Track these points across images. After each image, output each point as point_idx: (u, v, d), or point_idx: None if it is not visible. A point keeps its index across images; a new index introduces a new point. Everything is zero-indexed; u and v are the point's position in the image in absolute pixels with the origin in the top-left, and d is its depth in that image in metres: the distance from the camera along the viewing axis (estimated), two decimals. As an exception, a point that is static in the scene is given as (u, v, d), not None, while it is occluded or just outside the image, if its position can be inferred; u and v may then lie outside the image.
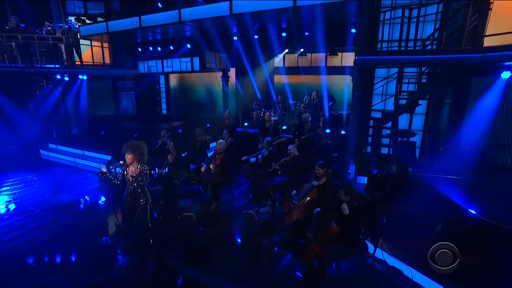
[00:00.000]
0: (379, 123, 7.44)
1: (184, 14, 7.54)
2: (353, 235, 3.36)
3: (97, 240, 4.61)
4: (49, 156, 9.14)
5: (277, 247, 4.26)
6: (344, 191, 3.36)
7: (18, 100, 9.81)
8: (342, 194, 3.36)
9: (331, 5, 5.98)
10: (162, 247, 4.30)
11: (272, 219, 5.10)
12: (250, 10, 6.72)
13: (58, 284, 3.59)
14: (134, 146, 3.72)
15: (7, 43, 9.00)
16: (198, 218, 5.25)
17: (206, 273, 3.78)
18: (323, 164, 4.35)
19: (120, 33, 8.89)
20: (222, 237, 4.74)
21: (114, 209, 5.65)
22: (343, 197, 3.35)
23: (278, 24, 8.01)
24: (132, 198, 3.84)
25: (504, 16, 4.95)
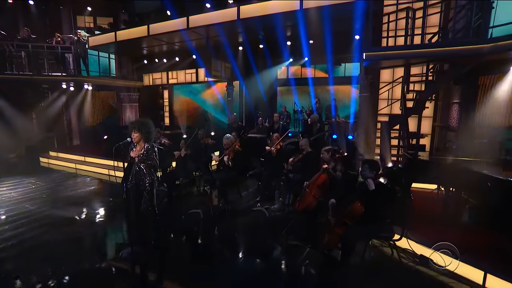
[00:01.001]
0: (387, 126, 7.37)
1: (192, 21, 7.75)
2: (378, 215, 3.11)
3: (97, 230, 4.33)
4: (49, 163, 8.91)
5: (292, 238, 3.96)
6: (369, 166, 3.16)
7: (22, 109, 9.80)
8: (367, 170, 3.16)
9: (338, 6, 6.17)
10: (167, 239, 3.99)
11: (283, 217, 4.82)
12: (257, 14, 6.91)
13: (54, 271, 3.25)
14: (141, 123, 3.57)
15: (17, 53, 9.18)
16: (206, 214, 4.95)
17: (214, 268, 3.45)
18: (329, 149, 4.23)
19: (127, 42, 9.09)
20: (232, 231, 4.44)
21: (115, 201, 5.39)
22: (368, 173, 3.15)
23: (283, 32, 8.20)
24: (137, 181, 3.61)
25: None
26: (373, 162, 3.22)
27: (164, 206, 5.30)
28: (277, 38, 8.61)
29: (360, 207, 3.08)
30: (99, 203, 5.69)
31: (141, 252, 3.58)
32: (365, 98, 7.04)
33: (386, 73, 8.08)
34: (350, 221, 3.12)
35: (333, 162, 4.18)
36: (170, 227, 4.49)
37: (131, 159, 3.61)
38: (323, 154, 4.18)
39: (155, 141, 5.08)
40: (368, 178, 3.11)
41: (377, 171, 3.18)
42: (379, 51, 5.56)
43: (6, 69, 9.00)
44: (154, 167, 3.61)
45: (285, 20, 7.14)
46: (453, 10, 5.68)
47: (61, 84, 9.71)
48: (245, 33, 8.03)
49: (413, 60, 5.75)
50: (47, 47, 9.13)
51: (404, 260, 3.38)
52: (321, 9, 6.41)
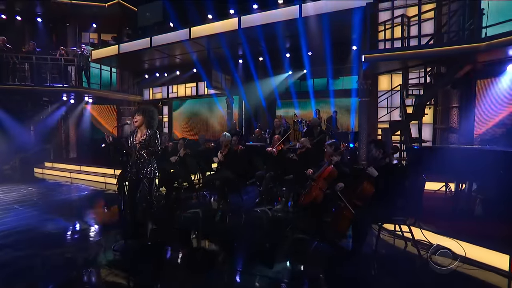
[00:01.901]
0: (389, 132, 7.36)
1: (194, 32, 8.01)
2: (390, 196, 2.96)
3: (91, 223, 4.09)
4: (43, 173, 8.67)
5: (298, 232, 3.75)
6: (375, 145, 3.07)
7: (21, 121, 9.75)
8: (373, 149, 3.06)
9: (336, 13, 6.42)
10: (162, 234, 3.75)
11: (286, 217, 4.62)
12: (258, 23, 7.16)
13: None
14: (145, 108, 3.50)
15: (21, 65, 9.32)
16: (205, 214, 4.73)
17: (214, 266, 3.21)
18: (332, 142, 4.18)
19: (129, 56, 9.30)
20: (234, 229, 4.20)
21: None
22: (375, 151, 3.05)
23: (283, 43, 8.46)
24: (137, 169, 3.46)
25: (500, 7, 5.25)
26: (379, 141, 3.13)
27: (162, 206, 5.07)
28: (277, 50, 8.87)
29: (370, 187, 2.95)
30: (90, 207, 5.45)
31: (135, 246, 3.34)
32: (365, 103, 7.09)
33: (384, 81, 8.26)
34: (361, 201, 2.96)
35: (338, 156, 4.10)
36: (167, 224, 4.26)
37: (131, 146, 3.48)
38: (327, 148, 4.15)
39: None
40: (370, 166, 3.01)
41: (385, 150, 3.08)
42: (377, 53, 5.70)
43: (9, 80, 9.06)
44: (156, 154, 3.48)
45: (284, 29, 7.38)
46: (445, 16, 5.92)
47: (61, 96, 9.76)
48: (246, 43, 8.27)
49: (410, 62, 5.88)
50: (50, 59, 9.29)
51: (420, 249, 3.16)
52: (320, 17, 6.65)
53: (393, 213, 3.03)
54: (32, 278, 2.74)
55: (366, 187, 2.97)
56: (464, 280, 2.70)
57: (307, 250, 3.33)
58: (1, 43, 9.24)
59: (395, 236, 3.58)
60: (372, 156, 3.09)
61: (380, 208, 2.95)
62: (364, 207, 2.96)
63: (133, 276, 2.82)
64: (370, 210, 2.94)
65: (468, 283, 2.68)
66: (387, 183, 2.95)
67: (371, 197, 2.96)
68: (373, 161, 3.12)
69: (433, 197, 5.00)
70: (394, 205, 3.01)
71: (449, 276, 2.74)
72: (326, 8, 6.46)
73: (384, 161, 3.07)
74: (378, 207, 2.94)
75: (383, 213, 2.97)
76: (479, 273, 2.78)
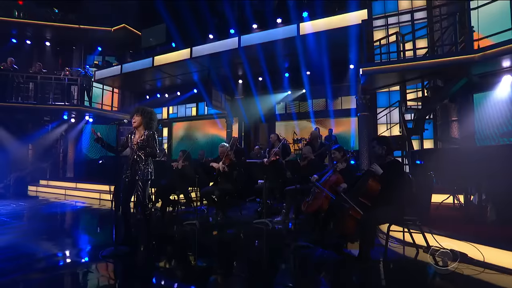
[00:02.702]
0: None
1: (195, 51, 8.24)
2: (396, 195, 2.79)
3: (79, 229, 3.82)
4: (37, 191, 8.41)
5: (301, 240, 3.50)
6: (378, 141, 2.95)
7: (20, 139, 9.70)
8: (376, 146, 2.94)
9: (333, 31, 6.65)
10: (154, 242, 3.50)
11: (288, 227, 4.38)
12: (258, 42, 7.38)
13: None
14: (144, 109, 3.44)
15: (25, 85, 9.48)
16: (202, 226, 4.47)
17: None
18: (340, 148, 4.05)
19: (132, 75, 9.50)
20: (231, 241, 3.94)
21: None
22: (378, 149, 2.92)
23: (281, 61, 8.67)
24: (133, 171, 3.31)
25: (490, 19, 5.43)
26: (382, 138, 3.03)
27: (157, 218, 4.84)
28: (276, 69, 9.08)
29: (376, 185, 2.79)
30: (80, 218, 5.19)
31: (125, 253, 3.08)
32: (364, 118, 7.10)
33: (383, 98, 8.33)
34: (367, 200, 2.78)
35: (344, 162, 3.94)
36: (161, 233, 4.01)
37: (130, 145, 3.38)
38: (335, 153, 3.96)
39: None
40: (374, 164, 2.88)
41: (389, 146, 2.96)
42: (374, 65, 5.80)
43: (12, 99, 9.15)
44: (154, 156, 3.36)
45: (283, 48, 7.61)
46: (438, 32, 6.13)
47: (62, 114, 9.80)
48: (246, 63, 8.47)
49: (407, 75, 5.96)
50: (54, 78, 9.47)
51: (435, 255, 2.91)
52: (317, 35, 6.88)
53: (402, 213, 2.84)
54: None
55: (371, 185, 2.81)
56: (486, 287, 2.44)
57: (311, 259, 3.09)
58: (9, 64, 9.49)
59: (405, 243, 3.35)
60: (376, 154, 2.96)
61: (387, 207, 2.76)
62: (370, 207, 2.77)
63: (119, 285, 2.55)
64: (377, 209, 2.75)
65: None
66: (393, 181, 2.79)
67: (377, 195, 2.78)
68: (376, 159, 2.99)
69: (440, 207, 4.78)
70: (403, 205, 2.83)
71: (469, 283, 2.49)
72: (322, 26, 6.69)
73: (389, 158, 2.94)
74: (385, 207, 2.76)
75: (391, 213, 2.78)
76: (501, 278, 2.53)
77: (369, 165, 3.05)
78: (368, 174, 2.95)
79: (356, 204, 2.80)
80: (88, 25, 10.74)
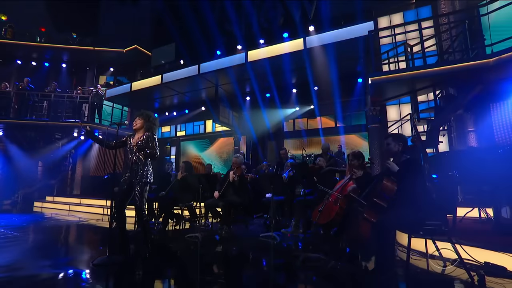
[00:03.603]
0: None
1: (203, 68, 8.38)
2: (417, 195, 2.52)
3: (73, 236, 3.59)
4: (42, 207, 8.34)
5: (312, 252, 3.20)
6: (393, 138, 2.73)
7: (30, 156, 9.84)
8: (391, 143, 2.72)
9: (339, 44, 6.65)
10: (152, 253, 3.26)
11: (297, 240, 4.07)
12: (265, 56, 7.45)
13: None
14: (146, 113, 3.40)
15: (39, 104, 9.81)
16: (205, 239, 4.21)
17: None
18: (358, 154, 3.80)
19: (141, 93, 9.68)
20: (234, 255, 3.65)
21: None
22: (393, 145, 2.70)
23: (289, 77, 8.68)
24: (131, 173, 3.19)
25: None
26: (397, 134, 2.81)
27: (159, 230, 4.61)
28: (284, 85, 9.08)
29: (391, 184, 2.54)
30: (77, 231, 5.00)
31: (118, 262, 2.86)
32: (375, 130, 6.87)
33: (393, 112, 8.13)
34: (383, 201, 2.52)
35: (361, 170, 3.64)
36: (159, 244, 3.77)
37: (129, 147, 3.29)
38: (352, 159, 3.67)
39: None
40: (389, 160, 2.66)
41: (405, 143, 2.74)
42: (383, 74, 5.68)
43: (27, 116, 9.42)
44: (153, 157, 3.24)
45: (290, 62, 7.62)
46: (446, 41, 6.04)
47: (73, 131, 9.97)
48: (253, 78, 8.51)
49: (418, 84, 5.79)
50: (67, 96, 9.76)
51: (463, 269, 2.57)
52: (324, 48, 6.89)
53: (423, 217, 2.55)
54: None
55: (386, 185, 2.56)
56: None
57: (322, 272, 2.78)
58: (25, 84, 9.89)
59: (429, 255, 2.99)
60: (391, 151, 2.73)
61: (406, 210, 2.49)
62: (387, 209, 2.51)
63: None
64: (394, 211, 2.48)
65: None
66: (410, 181, 2.54)
67: (394, 196, 2.53)
68: (391, 156, 2.76)
69: (463, 220, 4.39)
70: (423, 208, 2.55)
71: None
72: (329, 39, 6.72)
73: (405, 156, 2.71)
74: (403, 209, 2.49)
75: (410, 216, 2.50)
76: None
77: (384, 152, 2.80)
78: (383, 173, 2.71)
79: (370, 206, 2.54)
80: (102, 47, 11.26)
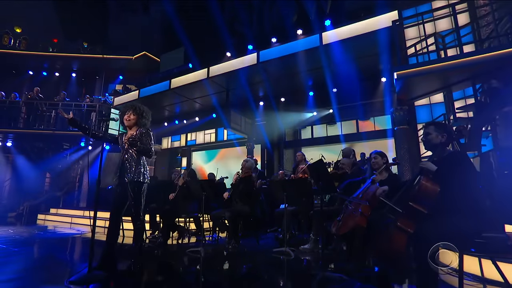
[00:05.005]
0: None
1: (212, 71, 8.23)
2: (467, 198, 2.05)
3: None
4: (45, 219, 8.30)
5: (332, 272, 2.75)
6: (435, 127, 2.28)
7: (38, 167, 9.99)
8: (433, 133, 2.26)
9: (359, 38, 6.25)
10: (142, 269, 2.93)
11: (316, 257, 3.61)
12: (278, 55, 7.18)
13: None
14: (137, 106, 3.14)
15: (47, 113, 10.03)
16: (209, 254, 3.84)
17: None
18: (382, 153, 3.38)
19: (149, 100, 9.66)
20: (240, 272, 3.24)
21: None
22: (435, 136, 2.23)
23: (305, 79, 8.33)
24: (122, 172, 2.92)
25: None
26: (440, 123, 2.37)
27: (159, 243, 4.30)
28: (299, 88, 8.73)
29: (432, 185, 2.10)
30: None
31: (98, 279, 2.54)
32: (403, 132, 6.33)
33: (423, 113, 7.56)
34: (422, 206, 2.06)
35: (385, 172, 3.27)
36: (153, 257, 3.44)
37: (121, 145, 3.04)
38: (376, 158, 3.32)
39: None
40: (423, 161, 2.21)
41: (450, 135, 2.28)
42: (411, 67, 5.20)
43: (35, 126, 9.64)
44: (147, 153, 2.97)
45: (305, 62, 7.28)
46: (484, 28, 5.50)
47: (80, 141, 10.07)
48: (266, 81, 8.24)
49: (453, 77, 5.25)
50: (74, 105, 9.94)
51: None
52: (342, 44, 6.51)
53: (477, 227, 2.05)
54: None
55: (425, 186, 2.11)
56: None
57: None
58: (35, 93, 10.19)
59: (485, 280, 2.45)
60: (430, 144, 2.28)
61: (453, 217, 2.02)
62: (427, 216, 2.05)
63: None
64: (438, 219, 2.02)
65: None
66: (456, 180, 2.08)
67: (435, 199, 2.06)
68: (430, 149, 2.31)
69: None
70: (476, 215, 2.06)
71: None
72: (348, 33, 6.36)
73: (449, 149, 2.25)
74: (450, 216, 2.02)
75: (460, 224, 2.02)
76: None
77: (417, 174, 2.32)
78: (419, 174, 2.26)
79: (405, 212, 2.09)
80: (111, 55, 11.54)
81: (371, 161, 3.37)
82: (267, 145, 10.68)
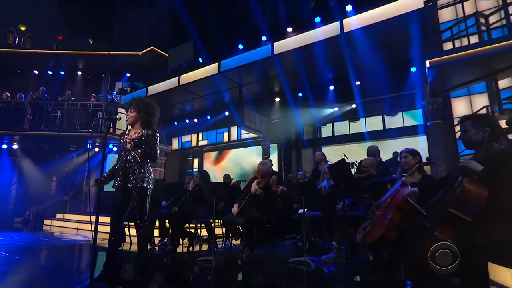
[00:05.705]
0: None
1: (223, 65, 8.22)
2: None
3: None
4: (51, 225, 8.57)
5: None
6: (472, 121, 2.11)
7: (45, 170, 10.33)
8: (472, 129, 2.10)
9: (386, 24, 6.04)
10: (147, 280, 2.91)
11: (340, 269, 3.48)
12: (294, 46, 7.06)
13: None
14: (140, 101, 3.09)
15: (53, 113, 10.35)
16: (221, 263, 3.79)
17: None
18: (414, 152, 3.17)
19: (158, 97, 9.78)
20: (253, 285, 3.17)
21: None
22: (475, 132, 2.07)
23: (325, 71, 8.17)
24: (125, 176, 2.88)
25: None
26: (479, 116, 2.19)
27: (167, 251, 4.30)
28: (319, 81, 8.57)
29: (477, 188, 1.92)
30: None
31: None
32: (437, 128, 6.05)
33: (461, 106, 7.20)
34: (464, 213, 1.90)
35: (418, 174, 3.07)
36: (160, 268, 3.43)
37: (123, 146, 3.02)
38: (407, 157, 3.11)
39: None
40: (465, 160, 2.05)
41: (494, 129, 2.10)
42: (446, 54, 4.94)
43: (41, 127, 9.97)
44: (153, 157, 2.93)
45: (325, 52, 7.13)
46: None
47: (87, 142, 10.33)
48: (282, 75, 8.12)
49: (498, 63, 4.93)
50: (80, 105, 10.21)
51: None
52: (366, 31, 6.32)
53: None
54: None
55: (469, 190, 1.94)
56: None
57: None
58: (40, 93, 10.56)
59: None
60: (470, 140, 2.11)
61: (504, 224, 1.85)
62: (472, 224, 1.89)
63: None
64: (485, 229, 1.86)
65: None
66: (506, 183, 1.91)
67: (482, 205, 1.90)
68: (472, 148, 2.14)
69: None
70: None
71: None
72: (372, 19, 6.15)
73: (496, 147, 2.07)
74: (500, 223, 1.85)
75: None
76: None
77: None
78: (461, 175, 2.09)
79: (444, 220, 1.94)
80: (117, 51, 11.80)
81: (401, 161, 3.19)
82: (284, 144, 10.57)
